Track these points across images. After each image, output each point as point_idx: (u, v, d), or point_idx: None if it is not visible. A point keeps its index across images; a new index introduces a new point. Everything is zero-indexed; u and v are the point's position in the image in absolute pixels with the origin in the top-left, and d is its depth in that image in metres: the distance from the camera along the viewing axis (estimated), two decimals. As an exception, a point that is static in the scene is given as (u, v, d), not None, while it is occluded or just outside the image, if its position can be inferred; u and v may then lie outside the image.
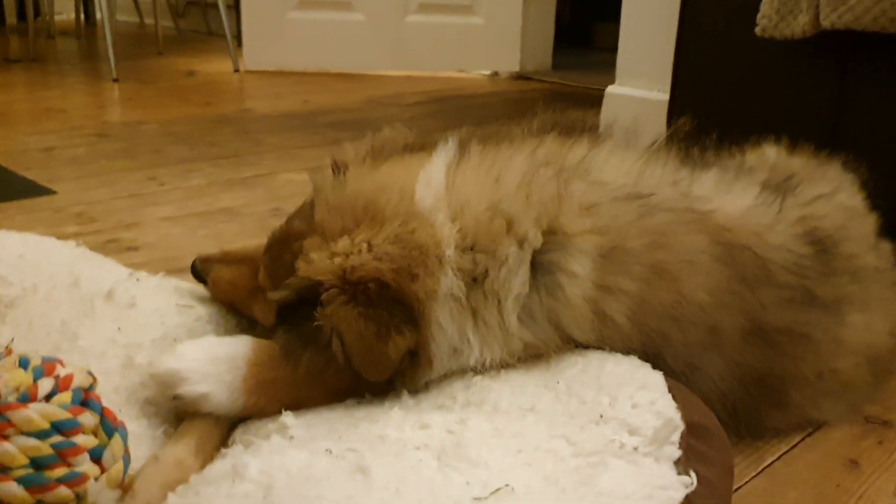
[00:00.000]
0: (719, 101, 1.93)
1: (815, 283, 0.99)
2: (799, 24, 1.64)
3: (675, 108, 2.04)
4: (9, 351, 0.75)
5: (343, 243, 0.85)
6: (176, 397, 0.87)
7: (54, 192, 1.98)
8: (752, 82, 1.86)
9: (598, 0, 4.86)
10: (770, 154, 1.28)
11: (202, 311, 1.06)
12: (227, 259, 1.06)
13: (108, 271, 1.15)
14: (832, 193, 1.13)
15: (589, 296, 0.87)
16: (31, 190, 2.00)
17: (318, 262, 0.84)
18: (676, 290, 0.89)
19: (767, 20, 1.70)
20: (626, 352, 0.89)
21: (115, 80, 3.52)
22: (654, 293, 0.88)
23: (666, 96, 2.10)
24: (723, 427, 0.87)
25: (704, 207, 0.95)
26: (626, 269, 0.88)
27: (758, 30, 1.72)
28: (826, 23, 1.58)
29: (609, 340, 0.89)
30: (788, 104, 1.79)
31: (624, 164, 0.96)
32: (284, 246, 0.93)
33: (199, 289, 1.10)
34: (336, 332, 0.82)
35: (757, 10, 1.72)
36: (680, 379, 0.90)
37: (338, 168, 0.97)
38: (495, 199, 0.88)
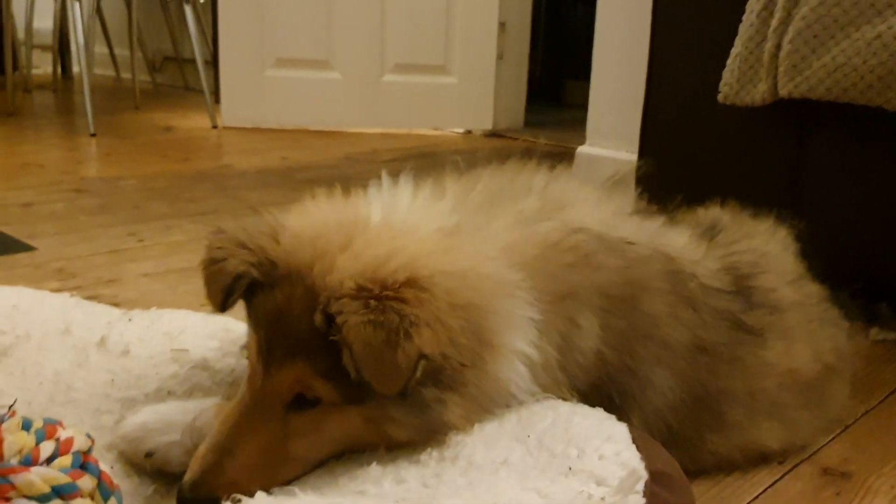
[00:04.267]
0: (685, 163, 2.01)
1: (739, 310, 1.12)
2: (758, 92, 1.72)
3: (643, 168, 2.12)
4: (12, 413, 0.77)
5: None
6: (148, 453, 0.89)
7: (34, 248, 2.00)
8: (715, 146, 1.93)
9: (569, 58, 5.00)
10: (713, 213, 1.38)
11: (196, 355, 1.08)
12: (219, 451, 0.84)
13: (100, 316, 1.17)
14: (748, 239, 1.26)
15: (596, 344, 0.97)
16: (11, 246, 2.03)
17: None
18: (643, 314, 1.02)
19: (729, 87, 1.78)
20: (605, 368, 0.99)
21: (93, 135, 3.56)
22: (631, 322, 1.01)
23: (634, 157, 2.18)
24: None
25: (660, 247, 1.09)
26: (615, 312, 1.00)
27: (720, 97, 1.80)
28: (783, 92, 1.66)
29: (595, 371, 0.99)
30: (750, 168, 1.87)
31: (607, 213, 1.10)
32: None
33: (193, 327, 1.13)
34: (346, 343, 0.79)
35: (720, 77, 1.80)
36: (635, 397, 1.01)
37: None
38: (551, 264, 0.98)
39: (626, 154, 2.52)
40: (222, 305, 0.88)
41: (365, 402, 0.83)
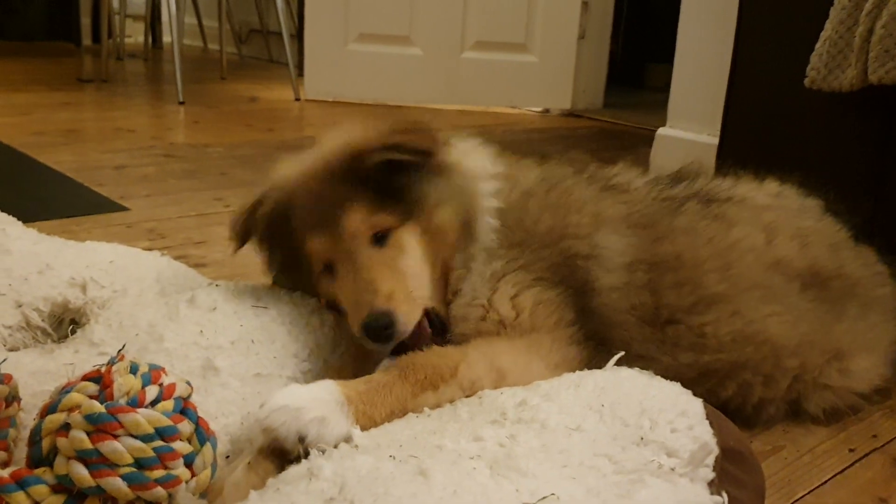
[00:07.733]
0: (767, 148, 1.99)
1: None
2: (847, 78, 1.69)
3: (724, 151, 2.10)
4: (121, 357, 0.83)
5: None
6: (301, 437, 0.86)
7: (127, 209, 2.10)
8: (799, 131, 1.91)
9: (651, 40, 4.94)
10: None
11: (275, 312, 1.15)
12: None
13: (190, 279, 1.24)
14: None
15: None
16: (106, 205, 2.12)
17: None
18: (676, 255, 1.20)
19: (816, 72, 1.76)
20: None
21: (181, 103, 3.68)
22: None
23: (715, 140, 2.16)
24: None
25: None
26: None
27: (807, 81, 1.78)
28: (874, 77, 1.63)
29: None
30: (834, 154, 1.84)
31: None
32: None
33: (274, 293, 1.20)
34: None
35: (806, 62, 1.78)
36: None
37: None
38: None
39: (706, 137, 2.50)
40: None
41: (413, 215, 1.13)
